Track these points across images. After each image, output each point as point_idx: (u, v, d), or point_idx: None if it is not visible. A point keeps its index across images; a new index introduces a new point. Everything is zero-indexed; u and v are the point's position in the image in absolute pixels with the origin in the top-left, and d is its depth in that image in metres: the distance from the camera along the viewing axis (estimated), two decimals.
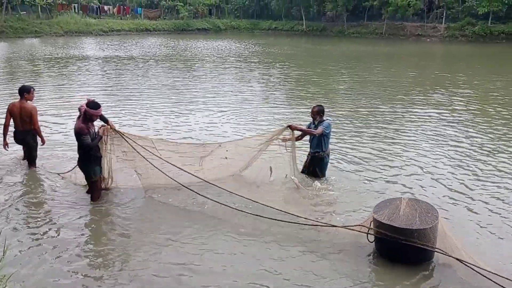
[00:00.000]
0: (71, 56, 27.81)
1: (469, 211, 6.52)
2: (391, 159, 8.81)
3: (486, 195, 7.06)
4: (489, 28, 44.83)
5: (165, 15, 62.28)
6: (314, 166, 7.38)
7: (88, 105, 6.00)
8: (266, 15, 67.80)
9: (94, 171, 6.30)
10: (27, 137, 7.74)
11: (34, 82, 18.02)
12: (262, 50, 34.29)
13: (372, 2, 51.33)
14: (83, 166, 6.32)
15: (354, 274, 4.94)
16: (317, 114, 7.12)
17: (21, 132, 7.71)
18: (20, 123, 7.65)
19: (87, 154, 6.20)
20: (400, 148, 9.54)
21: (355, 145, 9.64)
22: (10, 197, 6.75)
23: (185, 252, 5.32)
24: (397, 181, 7.64)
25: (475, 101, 14.78)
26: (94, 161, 6.29)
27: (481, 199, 6.90)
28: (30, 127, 7.66)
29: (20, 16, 46.46)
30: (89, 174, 6.30)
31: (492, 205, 6.69)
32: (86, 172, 6.33)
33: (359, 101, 14.77)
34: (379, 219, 4.97)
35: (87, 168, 6.29)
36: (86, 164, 6.28)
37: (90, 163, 6.26)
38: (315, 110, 7.13)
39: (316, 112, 7.12)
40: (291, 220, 5.77)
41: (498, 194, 7.09)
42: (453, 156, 8.96)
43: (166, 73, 21.53)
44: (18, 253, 5.20)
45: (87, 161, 6.25)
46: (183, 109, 13.21)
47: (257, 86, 18.08)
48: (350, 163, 8.49)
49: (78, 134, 6.03)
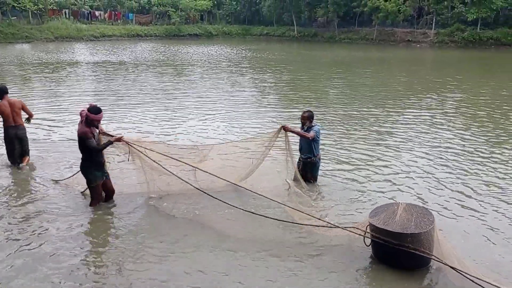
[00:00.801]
0: (61, 61, 27.61)
1: (468, 215, 6.51)
2: (384, 162, 8.80)
3: (484, 199, 7.08)
4: (478, 34, 45.35)
5: (157, 21, 62.19)
6: (307, 172, 7.35)
7: (89, 110, 5.92)
8: (257, 20, 68.05)
9: (95, 176, 6.23)
10: (20, 131, 7.99)
11: (23, 87, 17.88)
12: (253, 56, 34.34)
13: (362, 8, 51.71)
14: (84, 171, 6.25)
15: (349, 278, 4.91)
16: (307, 119, 7.12)
17: (14, 127, 7.93)
18: (12, 119, 7.88)
19: (89, 159, 6.13)
20: (393, 152, 9.55)
21: (348, 149, 9.63)
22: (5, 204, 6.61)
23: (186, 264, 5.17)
24: (390, 184, 7.63)
25: (466, 105, 14.90)
26: (95, 166, 6.21)
27: (479, 204, 6.90)
28: (21, 121, 8.00)
29: (11, 22, 46.18)
30: (89, 179, 6.25)
31: (489, 209, 6.71)
32: (87, 177, 6.27)
33: (351, 105, 14.81)
34: (374, 223, 4.95)
35: (88, 173, 6.22)
36: (87, 169, 6.21)
37: (91, 168, 6.18)
38: (305, 115, 7.13)
39: (307, 118, 7.12)
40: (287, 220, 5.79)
41: (495, 198, 7.11)
42: (447, 159, 8.98)
43: (157, 77, 21.44)
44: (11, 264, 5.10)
45: (88, 166, 6.18)
46: (176, 114, 13.15)
47: (249, 90, 18.05)
48: (342, 166, 8.47)
49: (82, 138, 5.95)
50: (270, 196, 6.24)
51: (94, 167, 6.20)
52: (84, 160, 6.19)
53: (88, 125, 5.99)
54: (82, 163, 6.22)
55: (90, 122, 5.98)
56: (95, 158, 6.17)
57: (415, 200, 6.92)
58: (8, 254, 5.26)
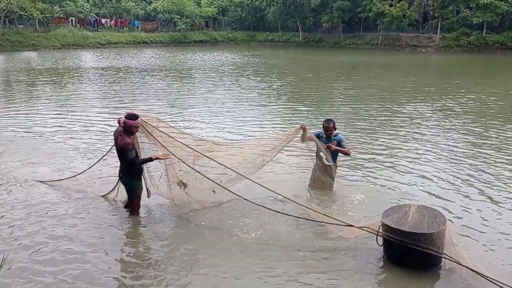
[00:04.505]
0: (68, 68, 27.82)
1: (478, 217, 6.49)
2: (395, 165, 8.78)
3: (494, 199, 7.06)
4: (484, 38, 45.31)
5: (162, 28, 62.63)
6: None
7: (127, 116, 5.82)
8: (262, 27, 68.28)
9: (138, 185, 6.16)
10: None
11: (31, 93, 18.04)
12: (259, 61, 34.43)
13: (367, 13, 51.79)
14: (125, 180, 6.15)
15: (360, 279, 4.90)
16: (334, 129, 6.94)
17: None
18: None
19: (130, 168, 6.03)
20: (402, 155, 9.53)
21: (359, 152, 9.60)
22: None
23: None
24: (402, 187, 7.59)
25: (474, 109, 14.86)
26: (137, 175, 6.12)
27: (489, 205, 6.89)
28: None
29: (18, 30, 46.64)
30: (133, 188, 6.15)
31: (501, 211, 6.68)
32: (130, 186, 6.16)
33: (359, 109, 14.78)
34: (387, 223, 4.94)
35: (130, 182, 6.14)
36: (129, 179, 6.12)
37: (132, 177, 6.09)
38: (331, 125, 6.88)
39: (333, 127, 6.92)
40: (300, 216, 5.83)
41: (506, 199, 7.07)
42: (459, 161, 8.95)
43: (164, 83, 21.51)
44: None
45: (130, 175, 6.08)
46: (185, 117, 13.28)
47: (258, 94, 18.09)
48: (354, 170, 8.46)
49: (123, 149, 5.81)
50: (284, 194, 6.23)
51: (136, 176, 6.12)
52: (125, 169, 6.06)
53: (127, 133, 5.86)
54: (124, 173, 6.09)
55: (129, 130, 5.85)
56: (137, 167, 6.08)
57: (426, 202, 6.89)
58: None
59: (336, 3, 52.97)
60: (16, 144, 10.25)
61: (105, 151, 9.71)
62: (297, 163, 8.13)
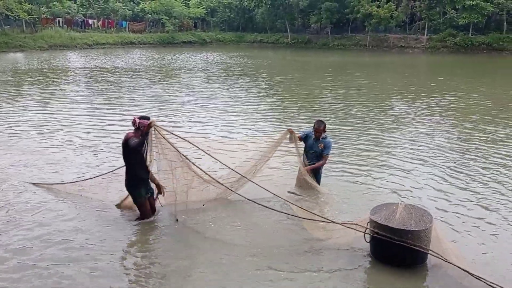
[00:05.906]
0: (55, 69, 27.54)
1: (462, 215, 6.55)
2: (383, 164, 8.85)
3: (479, 198, 7.14)
4: (470, 39, 45.87)
5: (150, 28, 62.23)
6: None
7: (141, 117, 6.02)
8: (251, 27, 68.25)
9: (139, 192, 6.22)
10: None
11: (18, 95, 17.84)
12: (246, 62, 34.43)
13: (355, 14, 52.11)
14: (129, 188, 6.25)
15: (348, 277, 4.93)
16: (323, 131, 7.02)
17: None
18: None
19: (133, 175, 6.12)
20: (390, 154, 9.61)
21: (346, 152, 9.66)
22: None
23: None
24: (389, 186, 7.65)
25: (460, 107, 15.05)
26: (138, 183, 6.19)
27: (474, 203, 6.96)
28: None
29: (4, 31, 45.99)
30: (134, 196, 6.26)
31: (486, 209, 6.76)
32: (132, 194, 6.28)
33: (349, 109, 14.85)
34: (376, 220, 4.97)
35: (132, 190, 6.23)
36: (131, 186, 6.21)
37: (134, 185, 6.18)
38: (321, 128, 6.96)
39: (323, 130, 7.00)
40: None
41: (491, 197, 7.17)
42: (443, 160, 9.05)
43: (151, 84, 21.40)
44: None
45: (133, 183, 6.17)
46: (172, 118, 13.19)
47: (246, 94, 18.09)
48: (343, 170, 8.49)
49: (128, 139, 5.90)
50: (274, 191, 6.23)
51: (139, 183, 6.19)
52: (129, 177, 6.15)
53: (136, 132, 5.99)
54: (128, 180, 6.17)
55: (142, 129, 5.97)
56: (140, 174, 6.16)
57: (411, 200, 6.96)
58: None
59: (324, 4, 53.19)
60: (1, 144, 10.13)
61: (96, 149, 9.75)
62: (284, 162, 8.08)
